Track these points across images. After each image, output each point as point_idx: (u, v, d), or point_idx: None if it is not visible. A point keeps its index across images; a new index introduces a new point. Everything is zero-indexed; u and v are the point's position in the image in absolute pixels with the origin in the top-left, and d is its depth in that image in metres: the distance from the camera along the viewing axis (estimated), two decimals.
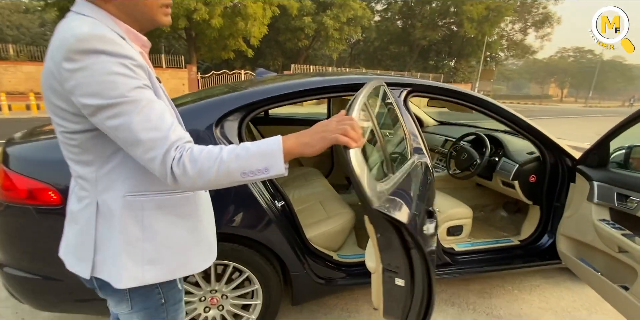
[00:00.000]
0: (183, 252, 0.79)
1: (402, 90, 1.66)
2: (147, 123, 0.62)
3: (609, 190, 1.47)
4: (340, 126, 0.68)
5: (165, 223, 0.76)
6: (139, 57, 0.66)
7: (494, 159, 2.08)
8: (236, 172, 0.65)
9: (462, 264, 1.83)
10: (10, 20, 32.53)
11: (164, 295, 0.82)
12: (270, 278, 1.44)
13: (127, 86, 0.62)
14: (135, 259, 0.74)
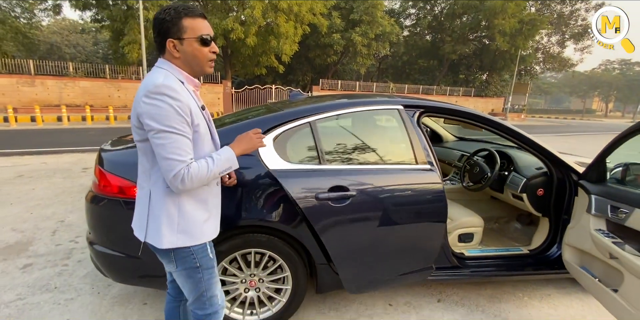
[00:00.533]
0: (200, 225, 1.12)
1: (415, 111, 1.93)
2: (175, 148, 0.99)
3: (604, 203, 1.62)
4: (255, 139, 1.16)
5: (192, 206, 1.10)
6: (187, 100, 1.02)
7: (504, 173, 2.26)
8: (217, 173, 1.06)
9: (471, 268, 2.01)
10: (68, 40, 36.21)
11: (199, 260, 1.14)
12: (299, 267, 1.71)
13: (174, 120, 0.98)
14: (172, 229, 1.08)
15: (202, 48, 1.04)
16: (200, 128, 1.07)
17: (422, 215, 1.77)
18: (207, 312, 1.22)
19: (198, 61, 1.06)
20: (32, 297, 2.01)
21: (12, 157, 5.85)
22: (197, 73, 1.11)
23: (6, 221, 3.11)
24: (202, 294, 1.19)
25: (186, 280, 1.17)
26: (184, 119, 1.00)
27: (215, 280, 1.22)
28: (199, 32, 1.03)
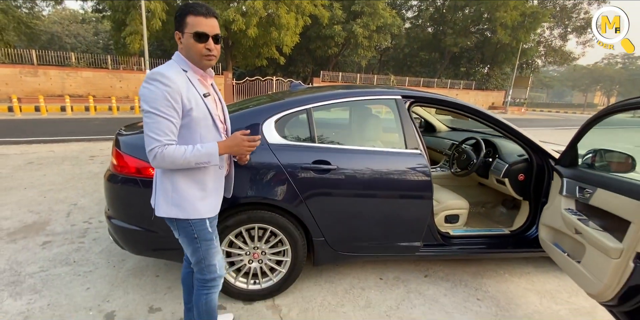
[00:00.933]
0: (193, 202, 1.26)
1: (406, 100, 2.08)
2: (154, 128, 1.12)
3: (574, 185, 1.79)
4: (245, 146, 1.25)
5: (186, 184, 1.24)
6: (180, 87, 1.14)
7: (488, 159, 2.43)
8: (192, 162, 1.17)
9: (456, 246, 2.19)
10: (68, 30, 35.96)
11: (197, 232, 1.30)
12: (298, 241, 1.89)
13: (160, 104, 1.11)
14: (167, 202, 1.26)
15: (195, 43, 1.16)
16: (193, 112, 1.18)
17: (408, 193, 1.94)
18: (205, 277, 1.39)
19: (193, 54, 1.19)
20: (54, 269, 2.21)
21: (21, 146, 6.02)
22: (196, 64, 1.23)
23: (22, 204, 3.30)
24: (201, 261, 1.35)
25: (186, 247, 1.35)
26: (171, 104, 1.12)
27: (213, 251, 1.36)
28: (196, 28, 1.15)
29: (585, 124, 1.79)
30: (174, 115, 1.14)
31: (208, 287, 1.40)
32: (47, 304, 1.87)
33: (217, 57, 1.24)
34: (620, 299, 1.42)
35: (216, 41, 1.21)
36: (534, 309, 2.02)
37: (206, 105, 1.24)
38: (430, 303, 2.02)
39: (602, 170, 1.75)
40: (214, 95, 1.32)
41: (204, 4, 1.21)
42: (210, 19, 1.18)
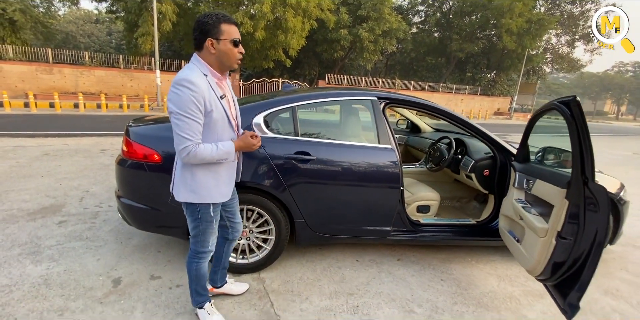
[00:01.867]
0: (208, 190, 1.47)
1: (382, 101, 2.35)
2: (186, 129, 1.31)
3: (523, 178, 2.04)
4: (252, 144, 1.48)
5: (203, 173, 1.46)
6: (203, 91, 1.32)
7: (458, 157, 2.68)
8: (215, 159, 1.39)
9: (425, 232, 2.45)
10: (83, 29, 36.93)
11: (200, 214, 1.53)
12: (281, 222, 2.17)
13: (188, 106, 1.29)
14: (185, 189, 1.48)
15: (233, 48, 1.37)
16: (213, 113, 1.36)
17: (378, 183, 2.20)
18: (198, 249, 1.62)
19: (229, 58, 1.38)
20: (69, 244, 2.51)
21: (37, 139, 6.42)
22: (225, 67, 1.43)
23: (40, 189, 3.63)
24: (198, 236, 1.59)
25: (190, 223, 1.60)
26: (197, 107, 1.30)
27: (210, 231, 1.58)
28: (233, 35, 1.35)
29: (527, 126, 2.03)
30: (200, 117, 1.33)
31: (199, 258, 1.65)
32: (64, 270, 2.17)
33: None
34: (547, 273, 1.66)
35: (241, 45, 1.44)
36: (490, 289, 2.26)
37: (223, 107, 1.42)
38: (397, 281, 2.27)
39: (548, 166, 2.00)
40: (229, 96, 1.52)
41: (227, 13, 1.42)
42: (237, 26, 1.42)
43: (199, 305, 1.74)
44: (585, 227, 1.45)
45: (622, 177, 6.34)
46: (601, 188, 1.40)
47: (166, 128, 2.20)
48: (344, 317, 1.87)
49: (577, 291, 1.48)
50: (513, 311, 2.03)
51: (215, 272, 1.89)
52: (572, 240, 1.50)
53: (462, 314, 1.96)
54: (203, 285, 1.73)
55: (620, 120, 56.68)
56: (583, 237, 1.47)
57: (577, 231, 1.48)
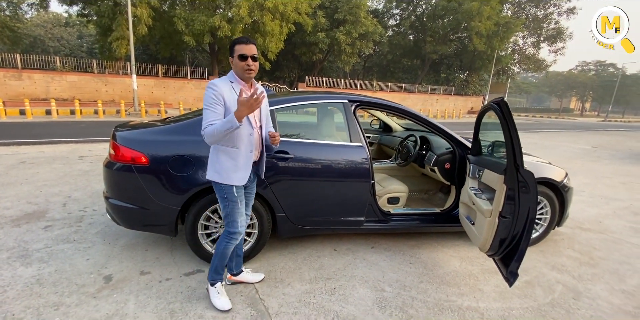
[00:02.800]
0: (229, 172, 1.77)
1: (353, 104, 2.59)
2: (207, 118, 1.64)
3: (475, 168, 2.33)
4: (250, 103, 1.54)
5: (225, 159, 1.76)
6: (223, 91, 1.66)
7: (423, 152, 2.96)
8: (222, 130, 1.57)
9: (394, 221, 2.70)
10: (52, 33, 35.55)
11: (226, 194, 1.80)
12: (263, 216, 2.35)
13: (209, 101, 1.66)
14: (213, 169, 1.79)
15: (239, 61, 1.70)
16: (230, 109, 1.65)
17: (350, 177, 2.44)
18: (229, 230, 1.87)
19: (238, 69, 1.73)
20: (57, 246, 2.60)
21: (11, 147, 6.28)
22: (241, 77, 1.75)
23: (20, 196, 3.65)
24: (227, 216, 1.85)
25: (220, 203, 1.85)
26: (216, 101, 1.65)
27: (236, 211, 1.83)
28: (239, 52, 1.69)
29: (475, 123, 2.32)
30: (218, 110, 1.66)
31: (229, 238, 1.88)
32: (55, 270, 2.26)
33: (256, 71, 1.74)
34: (494, 248, 1.94)
35: (254, 60, 1.71)
36: (452, 269, 2.53)
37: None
38: (371, 266, 2.51)
39: (496, 157, 2.29)
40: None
41: (247, 36, 1.75)
42: (249, 45, 1.70)
43: (212, 281, 1.98)
44: (520, 206, 1.73)
45: (578, 168, 6.92)
46: (530, 173, 1.68)
47: (153, 132, 2.37)
48: (322, 298, 2.08)
49: (516, 261, 1.76)
50: (471, 286, 2.30)
51: (230, 259, 2.10)
52: (511, 218, 1.78)
53: (426, 290, 2.22)
54: (223, 266, 1.97)
55: (584, 116, 59.99)
56: (519, 215, 1.75)
57: (514, 210, 1.76)
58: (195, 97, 19.02)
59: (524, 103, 75.81)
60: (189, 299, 2.00)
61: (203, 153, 2.22)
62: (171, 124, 2.43)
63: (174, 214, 2.26)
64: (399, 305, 2.05)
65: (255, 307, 1.96)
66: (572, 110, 70.66)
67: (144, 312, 1.87)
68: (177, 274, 2.27)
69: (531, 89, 64.98)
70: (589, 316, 2.04)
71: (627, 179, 6.14)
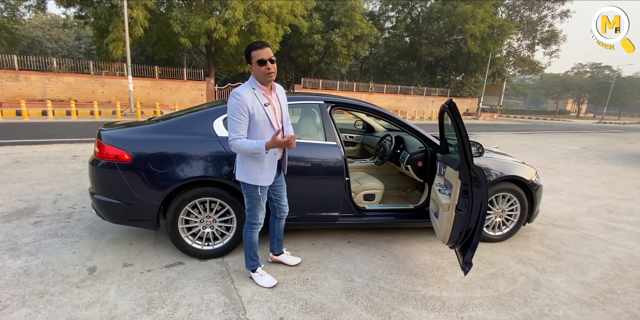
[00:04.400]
0: (256, 174, 1.94)
1: (329, 105, 2.72)
2: (232, 127, 1.81)
3: (442, 166, 2.46)
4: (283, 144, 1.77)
5: (252, 161, 1.92)
6: (246, 100, 1.78)
7: (397, 151, 3.09)
8: (249, 151, 1.80)
9: (369, 217, 2.82)
10: (49, 34, 35.62)
11: (251, 193, 2.00)
12: (241, 211, 2.48)
13: (236, 112, 1.79)
14: (241, 171, 1.97)
15: (259, 67, 1.80)
16: (255, 117, 1.82)
17: (325, 174, 2.56)
18: (250, 221, 2.10)
19: (259, 75, 1.83)
20: (45, 240, 2.71)
21: (5, 147, 6.39)
22: (262, 82, 1.87)
23: (13, 194, 3.76)
24: (250, 209, 2.07)
25: (245, 199, 2.06)
26: (241, 111, 1.78)
27: (258, 208, 2.05)
28: (257, 57, 1.79)
29: (439, 123, 2.46)
30: (243, 119, 1.80)
31: (251, 228, 2.12)
32: (42, 262, 2.38)
33: (276, 73, 1.85)
34: (453, 240, 2.07)
35: (272, 62, 1.81)
36: (422, 262, 2.66)
37: (265, 112, 1.86)
38: (345, 259, 2.64)
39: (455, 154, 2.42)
40: (273, 104, 1.92)
41: (261, 40, 1.88)
42: (265, 48, 1.80)
43: (251, 268, 2.21)
44: (474, 200, 1.86)
45: (562, 168, 7.08)
46: (480, 169, 1.81)
47: (136, 131, 2.50)
48: (294, 288, 2.20)
49: (470, 251, 1.89)
50: (437, 278, 2.43)
51: (272, 242, 2.43)
52: (466, 211, 1.91)
53: (394, 281, 2.35)
54: (254, 252, 2.19)
55: (580, 118, 60.37)
56: (473, 208, 1.88)
57: (469, 204, 1.89)
58: (191, 98, 19.13)
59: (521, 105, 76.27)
60: (167, 289, 2.12)
61: (182, 150, 2.36)
62: (154, 123, 2.55)
63: (155, 209, 2.38)
64: (366, 294, 2.17)
65: (229, 296, 2.08)
66: (569, 112, 71.08)
67: (123, 300, 1.99)
68: (159, 266, 2.39)
69: (527, 91, 65.36)
70: (545, 305, 2.16)
71: (608, 178, 6.29)
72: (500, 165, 2.91)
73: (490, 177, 2.77)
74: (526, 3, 28.73)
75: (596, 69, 61.39)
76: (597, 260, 2.84)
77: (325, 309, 2.00)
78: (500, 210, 3.00)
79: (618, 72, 50.44)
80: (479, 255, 2.78)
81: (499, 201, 2.97)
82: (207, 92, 19.59)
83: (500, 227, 3.06)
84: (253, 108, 1.80)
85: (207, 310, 1.93)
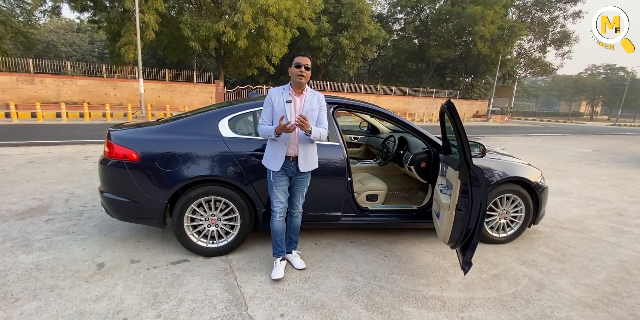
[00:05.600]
0: (269, 159, 2.20)
1: (332, 106, 2.76)
2: (261, 115, 2.21)
3: (442, 166, 2.47)
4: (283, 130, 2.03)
5: (269, 147, 2.22)
6: (273, 97, 2.16)
7: (400, 152, 3.10)
8: (265, 134, 2.15)
9: (372, 217, 2.84)
10: (64, 38, 36.59)
11: (271, 177, 2.21)
12: (245, 210, 2.52)
13: (264, 103, 2.20)
14: (264, 156, 2.26)
15: (294, 68, 2.12)
16: (275, 109, 2.13)
17: (327, 174, 2.59)
18: (271, 208, 2.29)
19: (293, 75, 2.14)
20: (57, 237, 2.80)
21: (20, 147, 6.60)
22: (294, 83, 2.16)
23: (27, 193, 3.89)
24: (270, 195, 2.28)
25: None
26: (268, 103, 2.16)
27: (274, 193, 2.24)
28: (295, 62, 2.11)
29: (440, 124, 2.47)
30: (267, 109, 2.17)
31: (272, 215, 2.30)
32: (53, 257, 2.47)
33: (307, 78, 2.13)
34: (454, 240, 2.08)
35: (306, 69, 2.12)
36: (425, 262, 2.66)
37: (284, 107, 2.13)
38: (347, 258, 2.66)
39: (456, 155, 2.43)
40: (296, 104, 2.16)
41: (305, 52, 2.20)
42: (304, 57, 2.14)
43: (274, 255, 2.38)
44: (473, 200, 1.87)
45: (573, 171, 6.98)
46: (479, 169, 1.82)
47: (144, 131, 2.58)
48: (295, 285, 2.24)
49: (470, 250, 1.89)
50: (439, 278, 2.43)
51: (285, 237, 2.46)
52: (466, 211, 1.92)
53: (395, 281, 2.36)
54: (277, 241, 2.34)
55: (594, 120, 59.08)
56: (473, 207, 1.89)
57: (468, 203, 1.90)
58: (200, 100, 19.41)
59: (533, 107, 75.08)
60: (172, 285, 2.18)
61: (188, 150, 2.42)
62: (161, 124, 2.63)
63: (162, 207, 2.44)
64: (366, 293, 2.19)
65: (232, 292, 2.12)
66: (582, 114, 69.65)
67: (130, 295, 2.05)
68: (165, 263, 2.45)
69: (539, 93, 64.31)
70: (547, 306, 2.15)
71: (620, 181, 6.17)
72: (504, 166, 2.90)
73: (493, 177, 2.76)
74: (537, 4, 28.36)
75: (610, 70, 60.10)
76: (603, 263, 2.80)
77: (326, 306, 2.02)
78: (505, 212, 2.99)
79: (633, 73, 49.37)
80: (482, 256, 2.77)
81: (503, 202, 2.96)
82: (217, 95, 19.84)
83: (504, 228, 3.04)
84: (274, 101, 2.13)
85: (210, 305, 1.97)
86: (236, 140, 2.49)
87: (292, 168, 2.22)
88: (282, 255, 2.39)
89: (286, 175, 2.23)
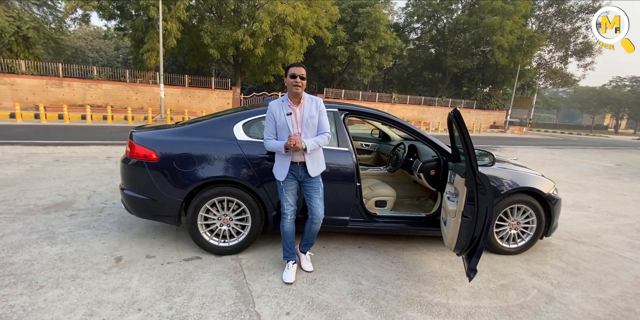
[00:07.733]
0: (276, 170, 2.29)
1: (343, 112, 2.84)
2: (265, 130, 2.27)
3: (452, 174, 2.50)
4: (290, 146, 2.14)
5: (276, 158, 2.30)
6: (274, 110, 2.22)
7: (410, 159, 3.14)
8: (272, 149, 2.26)
9: (380, 223, 2.87)
10: (92, 45, 38.34)
11: (280, 185, 2.30)
12: (256, 211, 2.61)
13: (267, 118, 2.26)
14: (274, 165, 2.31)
15: (289, 79, 2.15)
16: (277, 123, 2.20)
17: (337, 179, 2.65)
18: (282, 210, 2.35)
19: (288, 85, 2.18)
20: (79, 231, 2.96)
21: (48, 147, 6.95)
22: (290, 92, 2.20)
23: (52, 189, 4.11)
24: (280, 199, 2.36)
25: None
26: (270, 117, 2.21)
27: (281, 196, 2.33)
28: (290, 72, 2.15)
29: (449, 133, 2.51)
30: (271, 124, 2.23)
31: (282, 217, 2.36)
32: (75, 250, 2.61)
33: (302, 87, 2.16)
34: (460, 247, 2.09)
35: (302, 78, 2.14)
36: (431, 270, 2.67)
37: (285, 120, 2.19)
38: (354, 262, 2.69)
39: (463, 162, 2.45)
40: (295, 114, 2.21)
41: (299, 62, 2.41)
42: (299, 67, 2.17)
43: (285, 259, 2.42)
44: (479, 207, 1.90)
45: (593, 185, 6.80)
46: (485, 176, 1.85)
47: (164, 133, 2.72)
48: (302, 286, 2.29)
49: (475, 257, 1.91)
50: (446, 286, 2.44)
51: (302, 238, 2.52)
52: (472, 218, 1.94)
53: (401, 286, 2.38)
54: (287, 244, 2.39)
55: (619, 133, 56.99)
56: (479, 215, 1.91)
57: (474, 210, 1.92)
58: (218, 106, 19.90)
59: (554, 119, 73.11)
60: (185, 280, 2.27)
61: (204, 152, 2.54)
62: (180, 126, 2.76)
63: (177, 206, 2.56)
64: (371, 296, 2.22)
65: (241, 290, 2.19)
66: (606, 127, 67.27)
67: (144, 287, 2.15)
68: (178, 259, 2.55)
69: (560, 105, 62.64)
70: (555, 319, 2.12)
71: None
72: (514, 176, 2.89)
73: (503, 187, 2.76)
74: (559, 14, 27.92)
75: (636, 82, 58.06)
76: (618, 278, 2.74)
77: (331, 307, 2.06)
78: (516, 222, 2.96)
79: None
80: (491, 266, 2.76)
81: (514, 213, 2.94)
82: (233, 101, 20.31)
83: (515, 239, 3.01)
84: (276, 115, 2.19)
85: (220, 301, 2.05)
86: (250, 143, 2.59)
87: (301, 172, 2.27)
88: (292, 259, 2.42)
89: (295, 179, 2.30)
